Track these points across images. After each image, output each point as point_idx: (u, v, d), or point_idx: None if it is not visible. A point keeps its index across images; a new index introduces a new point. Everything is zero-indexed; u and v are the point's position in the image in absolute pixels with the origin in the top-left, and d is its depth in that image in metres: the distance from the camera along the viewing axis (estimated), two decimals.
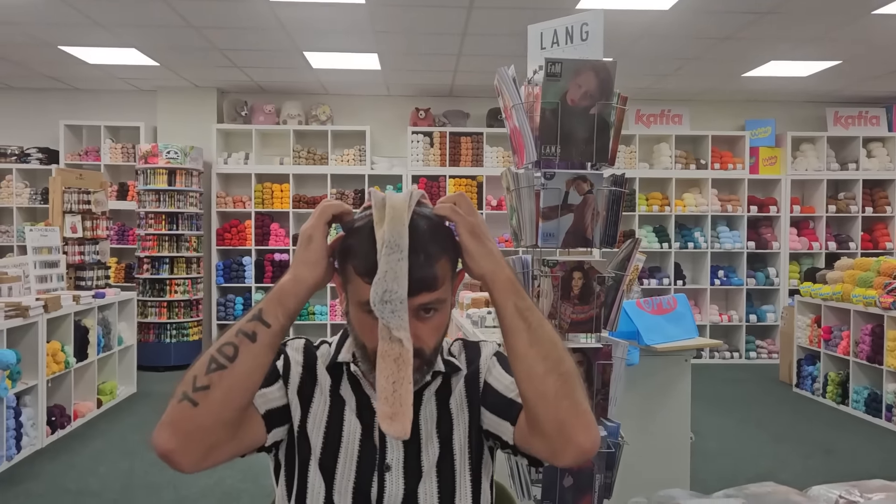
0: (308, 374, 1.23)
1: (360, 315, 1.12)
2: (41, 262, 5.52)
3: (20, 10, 5.41)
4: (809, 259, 8.38)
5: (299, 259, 1.09)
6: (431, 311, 1.12)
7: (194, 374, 1.02)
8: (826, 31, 5.79)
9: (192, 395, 1.00)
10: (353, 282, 1.12)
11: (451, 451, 1.20)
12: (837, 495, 0.98)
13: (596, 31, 2.53)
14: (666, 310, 3.02)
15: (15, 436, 4.49)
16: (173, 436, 1.00)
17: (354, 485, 1.16)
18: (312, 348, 1.28)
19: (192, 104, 8.15)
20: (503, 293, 1.09)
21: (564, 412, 1.04)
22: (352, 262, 1.11)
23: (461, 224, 1.10)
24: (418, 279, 1.06)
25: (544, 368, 1.05)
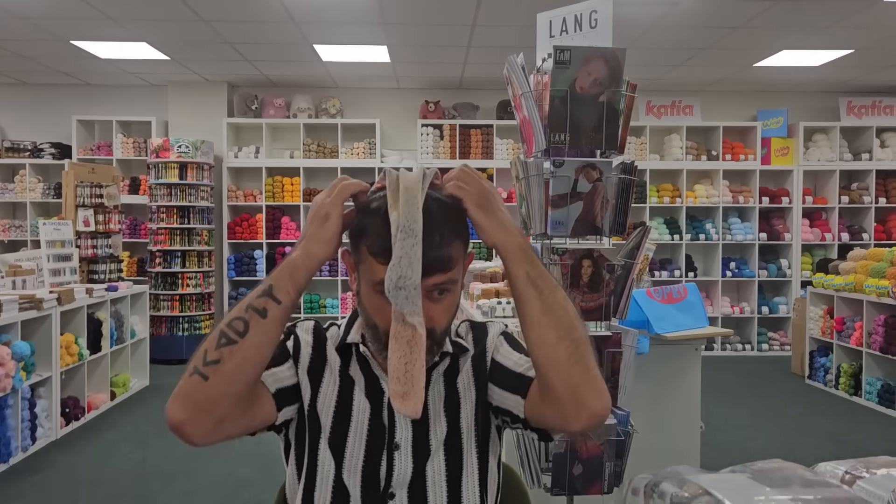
0: (318, 354, 1.24)
1: (372, 295, 1.12)
2: (54, 255, 5.57)
3: (32, 5, 5.45)
4: (822, 250, 8.32)
5: (313, 235, 1.09)
6: (444, 291, 1.12)
7: (205, 349, 1.03)
8: (838, 20, 5.74)
9: (203, 370, 1.01)
10: (366, 262, 1.12)
11: (459, 430, 1.21)
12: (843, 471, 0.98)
13: (605, 19, 2.53)
14: (676, 299, 3.01)
15: (30, 427, 4.54)
16: (183, 407, 1.02)
17: (364, 463, 1.17)
18: (322, 329, 1.29)
19: (203, 98, 8.18)
20: (515, 262, 1.09)
21: (577, 377, 1.05)
22: (365, 243, 1.11)
23: (467, 200, 1.10)
24: (432, 260, 1.07)
25: (556, 335, 1.06)
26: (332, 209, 1.08)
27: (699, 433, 3.12)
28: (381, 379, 1.21)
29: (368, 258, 1.11)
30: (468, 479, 1.20)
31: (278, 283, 1.06)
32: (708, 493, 0.98)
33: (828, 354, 6.47)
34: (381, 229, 1.08)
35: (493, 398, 1.23)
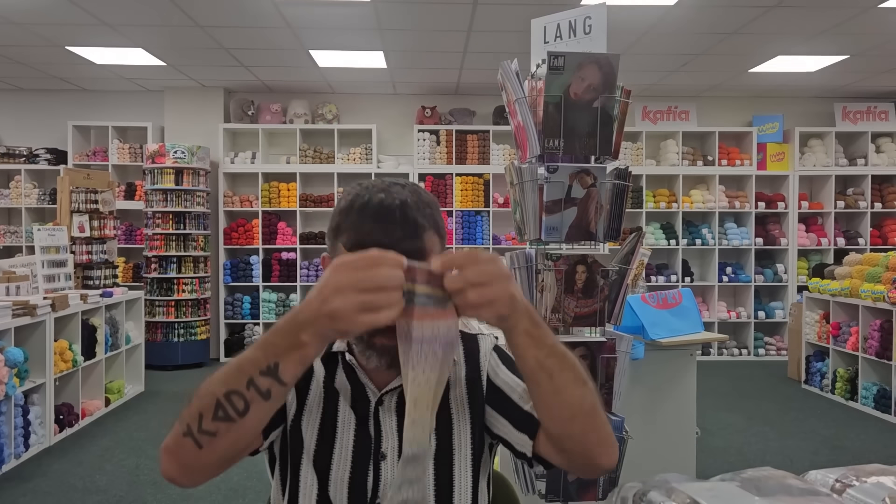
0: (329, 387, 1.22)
1: None
2: (49, 261, 5.56)
3: (27, 11, 5.44)
4: (818, 255, 8.34)
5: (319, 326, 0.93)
6: None
7: (200, 412, 0.96)
8: (833, 25, 5.75)
9: (197, 436, 0.96)
10: None
11: (451, 447, 1.20)
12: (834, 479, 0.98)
13: (599, 25, 2.53)
14: (671, 304, 3.01)
15: (23, 434, 4.52)
16: (177, 467, 1.00)
17: (350, 475, 1.15)
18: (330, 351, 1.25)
19: (199, 104, 8.18)
20: (523, 346, 1.01)
21: (590, 444, 1.07)
22: (341, 240, 1.10)
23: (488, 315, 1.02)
24: (405, 252, 1.00)
25: (570, 413, 1.05)
26: (339, 307, 0.93)
27: (695, 439, 3.11)
28: (367, 388, 1.19)
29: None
30: (459, 496, 1.19)
31: (287, 365, 0.93)
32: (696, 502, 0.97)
33: (824, 359, 6.47)
34: (356, 224, 1.08)
35: (493, 425, 1.21)
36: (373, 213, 1.08)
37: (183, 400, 0.99)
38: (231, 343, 8.09)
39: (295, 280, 8.08)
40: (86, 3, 5.27)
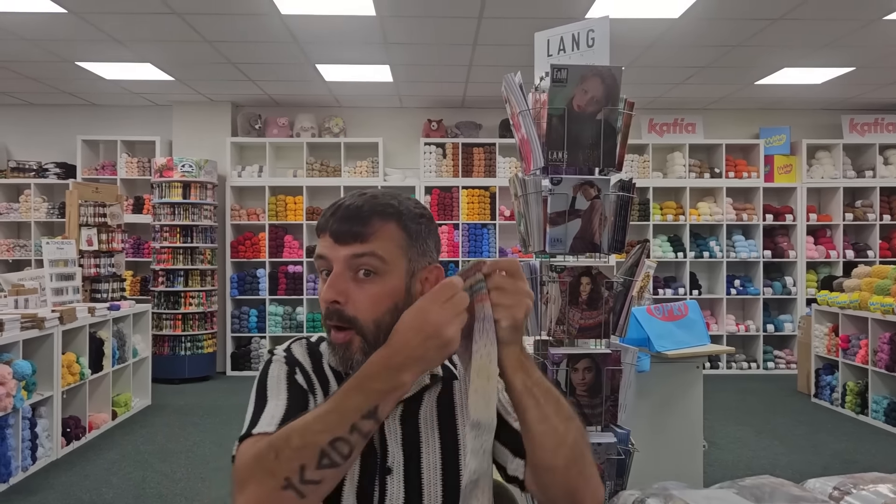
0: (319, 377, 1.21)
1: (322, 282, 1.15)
2: (57, 274, 5.59)
3: (37, 27, 5.51)
4: (827, 268, 8.29)
5: (428, 359, 0.99)
6: (368, 272, 1.10)
7: (302, 464, 0.95)
8: (838, 38, 5.76)
9: (300, 487, 0.95)
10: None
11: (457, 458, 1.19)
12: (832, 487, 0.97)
13: (602, 38, 2.53)
14: (677, 316, 2.99)
15: (30, 447, 4.53)
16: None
17: (357, 490, 1.14)
18: (315, 346, 1.26)
19: (207, 118, 8.24)
20: (511, 370, 1.08)
21: (573, 481, 1.08)
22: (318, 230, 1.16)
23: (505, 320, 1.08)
24: (349, 224, 1.10)
25: (554, 442, 1.07)
26: (453, 333, 0.99)
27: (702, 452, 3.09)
28: None
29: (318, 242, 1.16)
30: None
31: (385, 405, 0.98)
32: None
33: (833, 372, 6.42)
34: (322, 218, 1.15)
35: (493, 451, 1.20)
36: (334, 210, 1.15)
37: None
38: (238, 356, 8.10)
39: (301, 293, 8.09)
40: (95, 19, 5.33)
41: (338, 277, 1.09)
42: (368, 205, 1.12)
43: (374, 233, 1.10)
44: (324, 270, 1.13)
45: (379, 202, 1.13)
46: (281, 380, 1.16)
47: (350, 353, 1.10)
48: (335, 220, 1.12)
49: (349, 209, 1.12)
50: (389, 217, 1.11)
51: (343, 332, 1.10)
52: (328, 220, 1.13)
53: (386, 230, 1.11)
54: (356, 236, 1.09)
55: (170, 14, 5.18)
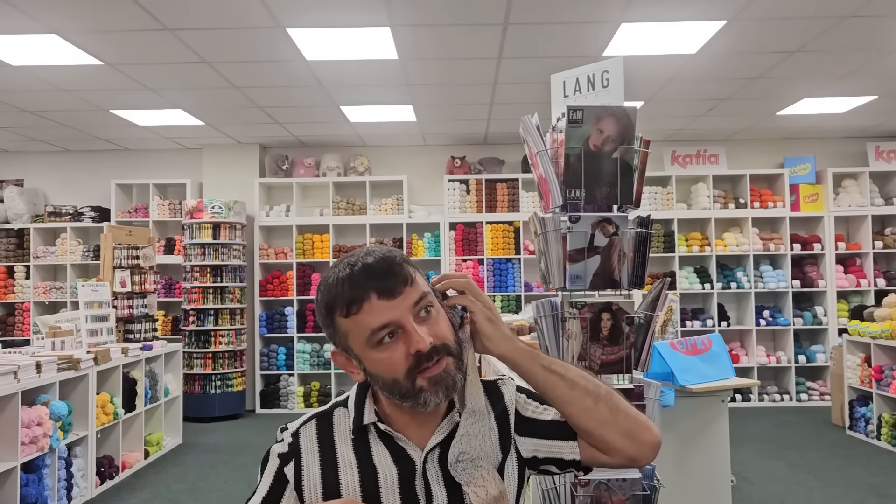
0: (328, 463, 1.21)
1: (374, 353, 1.12)
2: (92, 316, 5.73)
3: (74, 79, 5.74)
4: (858, 297, 8.17)
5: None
6: (429, 307, 1.14)
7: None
8: (857, 68, 5.77)
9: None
10: (351, 330, 1.13)
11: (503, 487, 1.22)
12: None
13: (616, 78, 2.60)
14: (700, 350, 3.00)
15: (66, 486, 4.61)
16: None
17: None
18: (326, 419, 1.25)
19: (236, 160, 8.44)
20: (526, 362, 1.19)
21: (625, 423, 1.16)
22: (339, 314, 1.12)
23: (478, 312, 1.19)
24: (394, 278, 1.11)
25: (592, 400, 1.17)
26: None
27: (730, 487, 3.06)
28: (406, 449, 1.19)
29: (349, 323, 1.12)
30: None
31: None
32: None
33: (868, 404, 6.29)
34: (340, 292, 1.11)
35: (537, 451, 1.23)
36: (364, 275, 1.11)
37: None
38: (267, 394, 8.17)
39: None
40: (130, 69, 5.54)
41: (415, 331, 1.10)
42: (383, 255, 1.14)
43: (411, 275, 1.14)
44: (386, 336, 1.11)
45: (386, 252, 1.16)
46: (262, 484, 1.23)
47: (450, 375, 1.13)
48: (374, 281, 1.10)
49: (375, 268, 1.11)
50: (401, 259, 1.15)
51: (438, 363, 1.12)
52: (363, 287, 1.10)
53: (417, 275, 1.15)
54: (405, 282, 1.12)
55: (200, 63, 5.38)
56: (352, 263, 1.13)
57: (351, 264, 1.13)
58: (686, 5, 4.47)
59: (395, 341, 1.10)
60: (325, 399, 8.07)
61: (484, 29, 4.81)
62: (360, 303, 1.09)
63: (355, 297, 1.10)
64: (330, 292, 1.13)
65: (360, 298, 1.09)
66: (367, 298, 1.09)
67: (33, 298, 8.29)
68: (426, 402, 1.13)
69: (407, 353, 1.10)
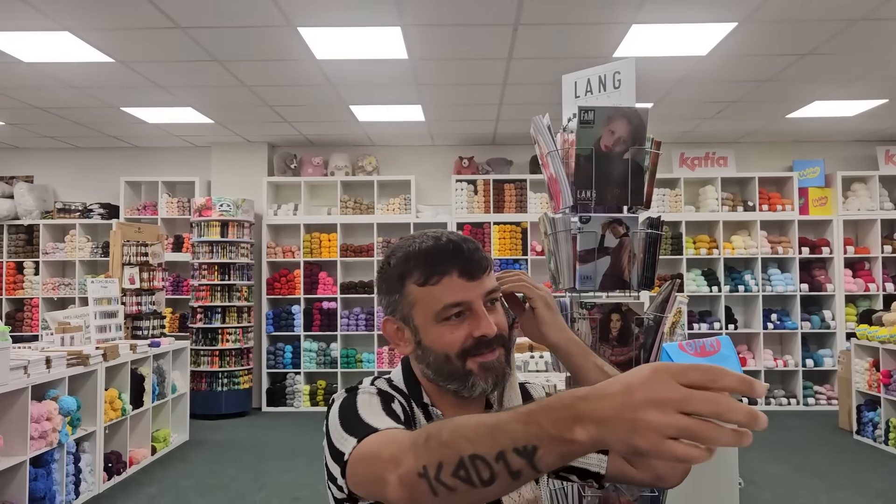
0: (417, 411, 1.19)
1: (436, 327, 1.12)
2: (101, 312, 5.76)
3: (88, 76, 5.77)
4: (866, 301, 8.14)
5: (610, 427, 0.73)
6: (495, 300, 1.17)
7: (440, 461, 0.85)
8: (868, 71, 5.75)
9: (434, 484, 0.86)
10: (420, 300, 1.13)
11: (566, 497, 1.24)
12: None
13: (628, 79, 2.60)
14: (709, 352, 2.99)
15: (74, 481, 4.64)
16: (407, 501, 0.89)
17: None
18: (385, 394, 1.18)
19: (244, 158, 8.47)
20: (582, 356, 1.22)
21: None
22: (412, 281, 1.13)
23: (538, 298, 1.21)
24: (476, 261, 1.12)
25: None
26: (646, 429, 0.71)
27: (738, 490, 3.05)
28: None
29: (422, 292, 1.12)
30: None
31: (545, 454, 0.79)
32: None
33: (875, 408, 6.27)
34: (422, 261, 1.12)
35: None
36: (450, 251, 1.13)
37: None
38: (273, 392, 8.19)
39: (335, 329, 8.18)
40: (141, 67, 5.57)
41: (486, 315, 1.12)
42: (468, 238, 1.16)
43: (490, 264, 1.16)
44: (455, 314, 1.12)
45: (468, 237, 1.17)
46: (373, 405, 1.09)
47: (501, 365, 1.14)
48: (458, 260, 1.12)
49: (462, 247, 1.13)
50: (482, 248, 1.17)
51: (493, 351, 1.14)
52: (447, 262, 1.11)
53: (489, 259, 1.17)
54: (485, 269, 1.14)
55: (211, 61, 5.40)
56: (436, 237, 1.14)
57: (435, 237, 1.14)
58: (697, 7, 4.46)
59: (461, 321, 1.12)
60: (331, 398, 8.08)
61: (494, 29, 4.81)
62: (440, 276, 1.11)
63: (437, 270, 1.11)
64: (409, 260, 1.14)
65: (442, 272, 1.11)
66: (448, 273, 1.11)
67: (42, 294, 8.34)
68: (473, 386, 1.13)
69: (469, 334, 1.11)
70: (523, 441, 0.80)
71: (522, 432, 0.80)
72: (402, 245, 1.17)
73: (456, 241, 1.14)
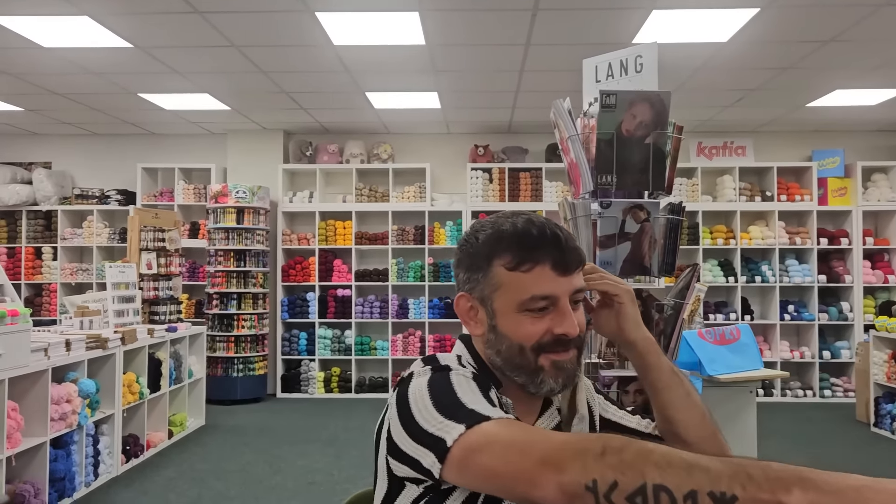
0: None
1: (516, 318, 1.09)
2: (119, 297, 5.80)
3: (103, 61, 5.79)
4: (885, 293, 8.06)
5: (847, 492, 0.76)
6: (579, 301, 1.13)
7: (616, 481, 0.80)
8: (892, 59, 5.66)
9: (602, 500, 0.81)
10: (505, 284, 1.09)
11: None
12: None
13: (650, 63, 2.57)
14: (729, 340, 2.97)
15: (93, 463, 4.69)
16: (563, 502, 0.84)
17: None
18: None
19: (260, 146, 8.49)
20: (658, 355, 1.21)
21: (721, 448, 1.19)
22: (502, 264, 1.09)
23: (625, 294, 1.19)
24: (572, 256, 1.09)
25: (700, 414, 1.19)
26: None
27: None
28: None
29: (510, 277, 1.08)
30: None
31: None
32: None
33: (894, 401, 6.21)
34: (516, 243, 1.08)
35: None
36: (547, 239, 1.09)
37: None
38: (288, 378, 8.23)
39: (350, 317, 8.21)
40: (159, 52, 5.58)
41: (571, 314, 1.08)
42: (567, 232, 1.12)
43: (584, 261, 1.13)
44: (540, 306, 1.08)
45: (566, 231, 1.12)
46: (473, 389, 1.02)
47: (574, 367, 1.11)
48: (555, 250, 1.08)
49: (561, 238, 1.09)
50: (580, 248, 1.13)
51: (568, 351, 1.10)
52: (543, 250, 1.07)
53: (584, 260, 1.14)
54: (578, 265, 1.10)
55: (229, 47, 5.40)
56: (535, 223, 1.10)
57: (534, 223, 1.10)
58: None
59: (544, 315, 1.08)
60: (346, 385, 8.13)
61: (513, 15, 4.78)
62: (533, 264, 1.07)
63: (532, 257, 1.07)
64: (501, 240, 1.10)
65: (536, 260, 1.07)
66: (542, 262, 1.07)
67: (60, 279, 8.42)
68: (542, 384, 1.10)
69: (548, 329, 1.08)
70: (724, 487, 0.74)
71: (727, 478, 0.75)
72: (493, 222, 1.14)
73: (554, 229, 1.10)
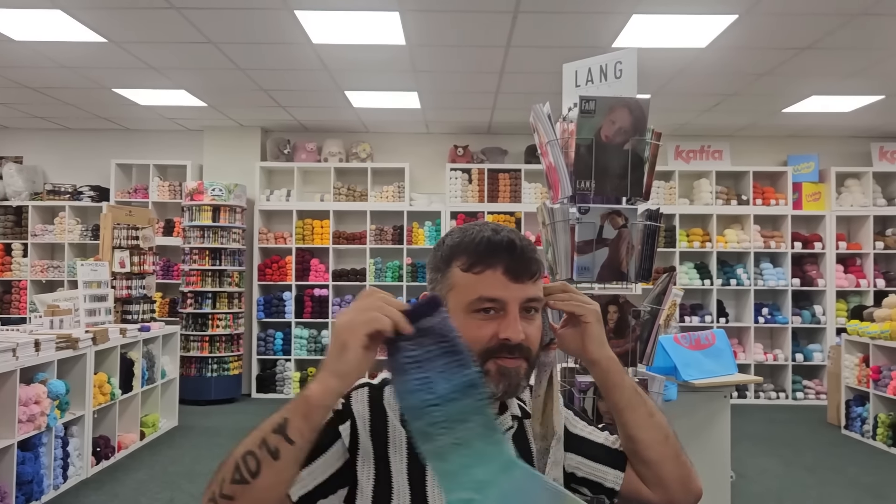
0: (378, 436, 1.14)
1: (466, 317, 1.10)
2: (91, 295, 5.70)
3: (77, 55, 5.69)
4: (857, 297, 8.17)
5: (330, 369, 0.95)
6: (532, 311, 1.13)
7: (223, 477, 0.95)
8: (866, 67, 5.74)
9: (219, 501, 0.95)
10: (457, 285, 1.12)
11: None
12: None
13: (629, 69, 2.57)
14: (704, 345, 2.99)
15: (62, 465, 4.60)
16: None
17: None
18: (378, 392, 1.18)
19: (237, 143, 8.40)
20: (620, 374, 1.20)
21: (683, 469, 1.19)
22: (458, 265, 1.12)
23: (590, 313, 1.17)
24: (526, 265, 1.10)
25: (663, 434, 1.19)
26: (350, 339, 0.93)
27: (729, 483, 3.06)
28: None
29: (463, 278, 1.11)
30: None
31: (293, 420, 0.93)
32: None
33: (864, 404, 6.30)
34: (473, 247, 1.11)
35: (577, 468, 1.24)
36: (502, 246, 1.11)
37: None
38: (263, 379, 8.16)
39: (327, 316, 8.15)
40: (134, 47, 5.49)
41: (517, 320, 1.09)
42: (528, 243, 1.13)
43: (539, 274, 1.13)
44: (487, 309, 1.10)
45: (529, 242, 1.14)
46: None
47: (519, 376, 1.11)
48: (508, 257, 1.10)
49: (516, 247, 1.11)
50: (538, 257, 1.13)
51: (515, 359, 1.10)
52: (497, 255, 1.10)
53: (542, 271, 1.14)
54: (531, 276, 1.11)
55: (206, 43, 5.33)
56: (496, 230, 1.14)
57: (495, 230, 1.14)
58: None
59: (491, 319, 1.10)
60: None
61: (494, 16, 4.77)
62: (485, 266, 1.10)
63: (484, 260, 1.10)
64: (462, 243, 1.14)
65: (488, 263, 1.10)
66: (493, 266, 1.10)
67: (30, 277, 8.26)
68: None
69: (495, 334, 1.09)
70: (277, 420, 0.94)
71: (277, 415, 0.95)
72: (464, 228, 1.17)
73: (512, 238, 1.12)
